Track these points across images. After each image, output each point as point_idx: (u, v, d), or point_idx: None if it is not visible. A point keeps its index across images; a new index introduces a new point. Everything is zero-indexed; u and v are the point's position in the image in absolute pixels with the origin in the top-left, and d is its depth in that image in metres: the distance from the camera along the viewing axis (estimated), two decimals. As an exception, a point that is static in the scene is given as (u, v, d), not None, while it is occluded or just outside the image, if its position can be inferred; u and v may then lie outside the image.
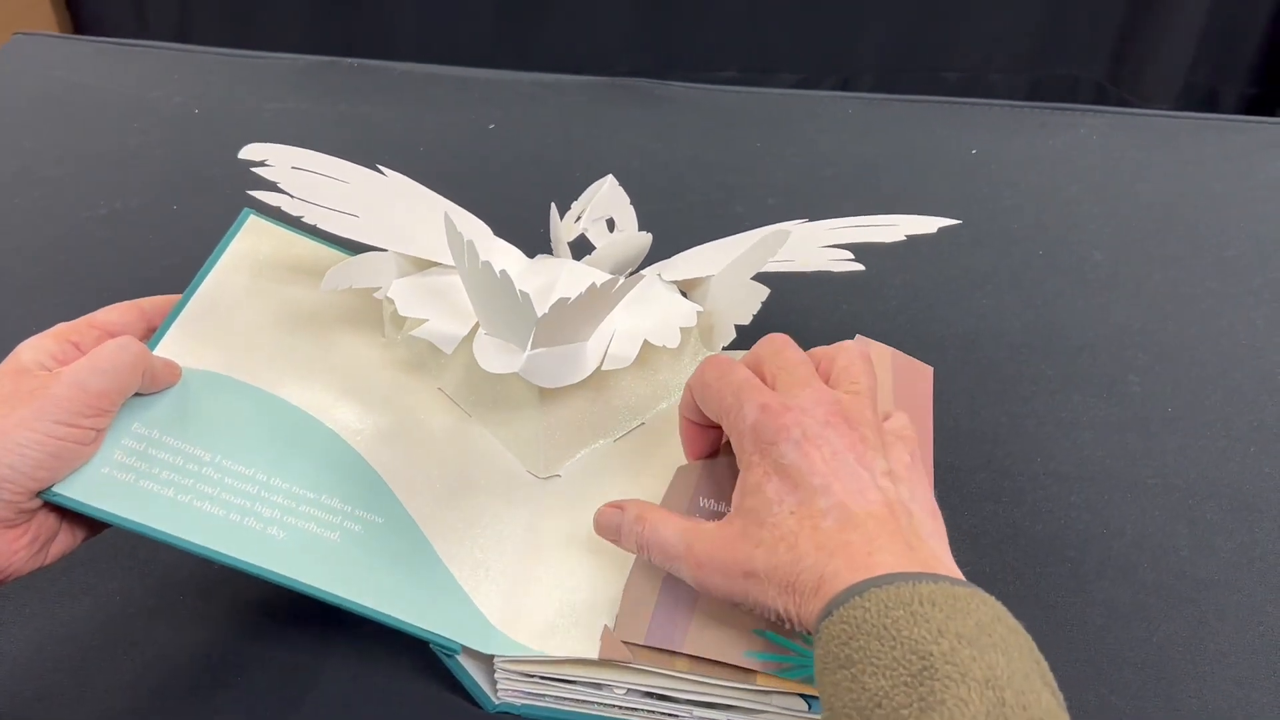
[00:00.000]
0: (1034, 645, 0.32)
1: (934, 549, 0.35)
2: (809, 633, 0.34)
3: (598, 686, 0.42)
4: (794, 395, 0.38)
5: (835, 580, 0.33)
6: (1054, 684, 0.31)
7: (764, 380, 0.40)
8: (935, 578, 0.32)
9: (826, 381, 0.40)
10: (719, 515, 0.41)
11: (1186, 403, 0.59)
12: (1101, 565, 0.50)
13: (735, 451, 0.39)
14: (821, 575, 0.34)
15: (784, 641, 0.39)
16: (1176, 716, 0.45)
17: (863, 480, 0.36)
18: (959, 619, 0.31)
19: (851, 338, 0.43)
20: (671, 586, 0.42)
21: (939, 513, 0.38)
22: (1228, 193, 0.74)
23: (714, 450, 0.44)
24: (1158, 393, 0.59)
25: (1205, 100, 1.50)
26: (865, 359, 0.41)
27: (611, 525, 0.41)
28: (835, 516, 0.35)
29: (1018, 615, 0.47)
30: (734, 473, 0.39)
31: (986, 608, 0.32)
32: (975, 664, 0.30)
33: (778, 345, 0.41)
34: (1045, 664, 0.32)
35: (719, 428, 0.42)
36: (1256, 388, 0.59)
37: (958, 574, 0.34)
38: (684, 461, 0.45)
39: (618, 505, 0.41)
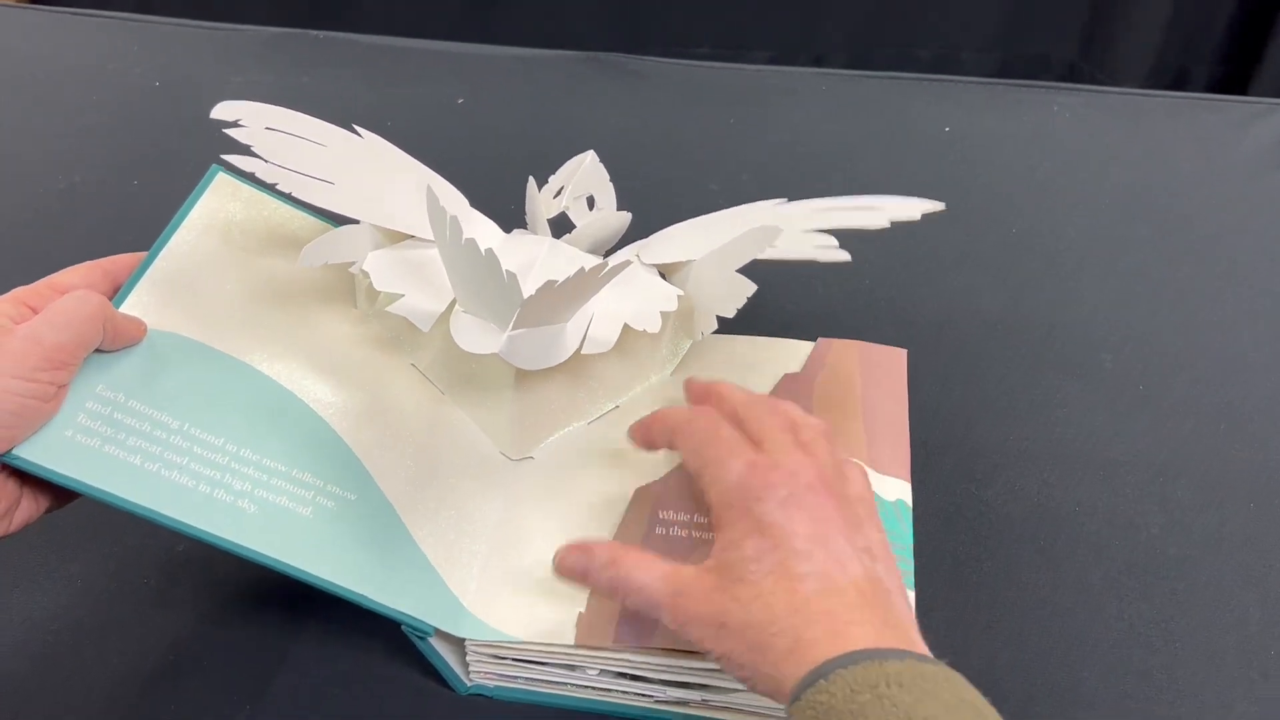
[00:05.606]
0: None
1: (906, 628, 0.35)
2: (767, 695, 0.34)
3: (571, 668, 0.42)
4: (782, 456, 0.38)
5: (814, 649, 0.33)
6: None
7: (750, 440, 0.39)
8: (902, 654, 0.32)
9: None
10: (682, 526, 0.42)
11: (1157, 382, 0.59)
12: (1073, 544, 0.51)
13: (714, 506, 0.38)
14: (798, 640, 0.33)
15: None
16: (1148, 692, 0.45)
17: (845, 551, 0.36)
18: (926, 702, 0.31)
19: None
20: None
21: (907, 592, 0.38)
22: (1198, 172, 0.74)
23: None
24: (1129, 372, 0.59)
25: (1175, 79, 1.51)
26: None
27: (577, 569, 0.39)
28: (816, 583, 0.34)
29: (989, 595, 0.48)
30: (690, 484, 0.39)
31: (952, 687, 0.32)
32: None
33: (763, 409, 0.40)
34: None
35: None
36: (1226, 367, 0.60)
37: (926, 652, 0.34)
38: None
39: (583, 548, 0.40)
